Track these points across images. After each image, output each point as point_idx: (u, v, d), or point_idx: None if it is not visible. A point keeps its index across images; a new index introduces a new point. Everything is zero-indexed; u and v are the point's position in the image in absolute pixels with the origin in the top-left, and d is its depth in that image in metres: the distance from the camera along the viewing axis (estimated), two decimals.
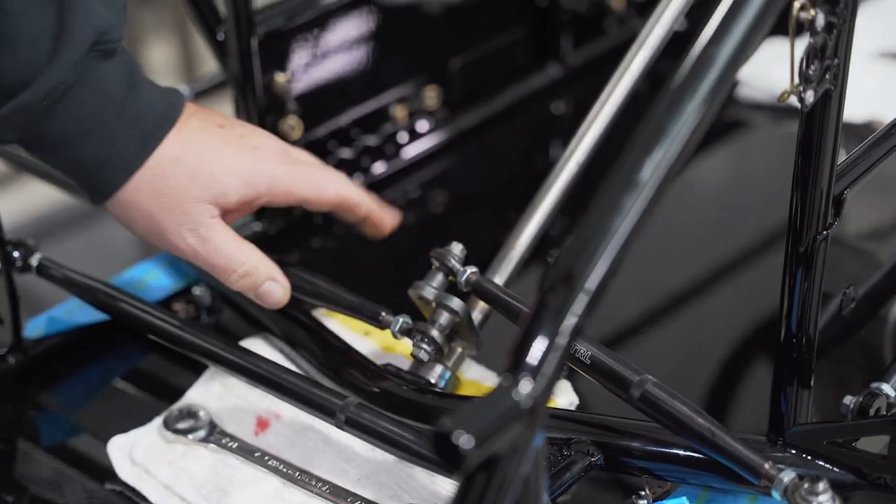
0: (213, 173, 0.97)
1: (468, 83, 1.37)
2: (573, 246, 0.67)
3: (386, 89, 1.38)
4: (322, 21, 1.32)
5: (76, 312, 1.09)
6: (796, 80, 0.80)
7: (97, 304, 1.07)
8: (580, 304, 0.65)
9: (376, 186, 1.36)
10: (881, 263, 1.09)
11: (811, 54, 0.78)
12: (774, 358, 0.90)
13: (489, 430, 0.57)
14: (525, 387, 0.60)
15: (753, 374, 1.04)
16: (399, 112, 1.36)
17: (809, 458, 0.84)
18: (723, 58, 0.71)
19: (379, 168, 1.39)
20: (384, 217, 1.08)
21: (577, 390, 1.00)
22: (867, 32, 1.45)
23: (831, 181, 0.83)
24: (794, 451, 0.84)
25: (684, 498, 0.86)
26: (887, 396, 0.88)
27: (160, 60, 2.47)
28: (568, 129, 1.34)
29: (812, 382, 0.90)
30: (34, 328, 1.09)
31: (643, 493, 0.86)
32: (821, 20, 0.76)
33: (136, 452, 0.93)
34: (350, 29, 1.35)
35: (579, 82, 1.52)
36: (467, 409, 0.58)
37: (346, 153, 1.37)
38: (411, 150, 1.40)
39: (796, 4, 0.78)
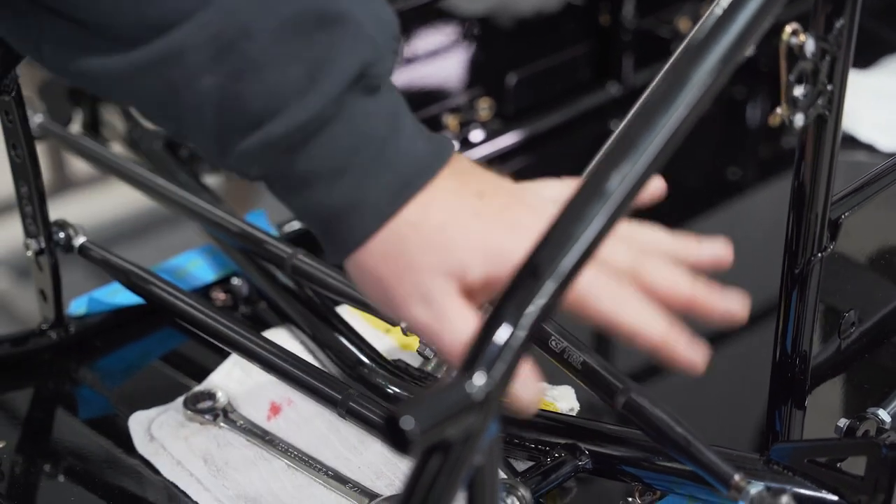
0: (450, 244, 0.83)
1: (524, 97, 1.37)
2: (535, 251, 0.69)
3: (440, 99, 1.37)
4: None
5: (117, 295, 1.12)
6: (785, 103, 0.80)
7: (132, 287, 1.09)
8: (537, 304, 0.67)
9: None
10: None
11: (800, 79, 0.78)
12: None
13: (437, 418, 0.60)
14: (479, 379, 0.62)
15: (758, 392, 1.01)
16: (451, 121, 1.35)
17: (790, 474, 0.84)
18: (696, 81, 0.73)
19: None
20: (685, 354, 0.79)
21: (580, 399, 1.00)
22: None
23: (827, 205, 0.84)
24: (775, 467, 0.85)
25: None
26: (879, 421, 0.89)
27: None
28: None
29: (806, 402, 0.91)
30: (76, 307, 1.12)
31: (631, 499, 0.89)
32: (811, 46, 0.77)
33: (154, 428, 0.97)
34: (408, 38, 1.34)
35: None
36: (421, 397, 0.62)
37: None
38: None
39: (787, 30, 0.79)
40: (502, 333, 0.65)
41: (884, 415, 0.89)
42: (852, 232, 0.90)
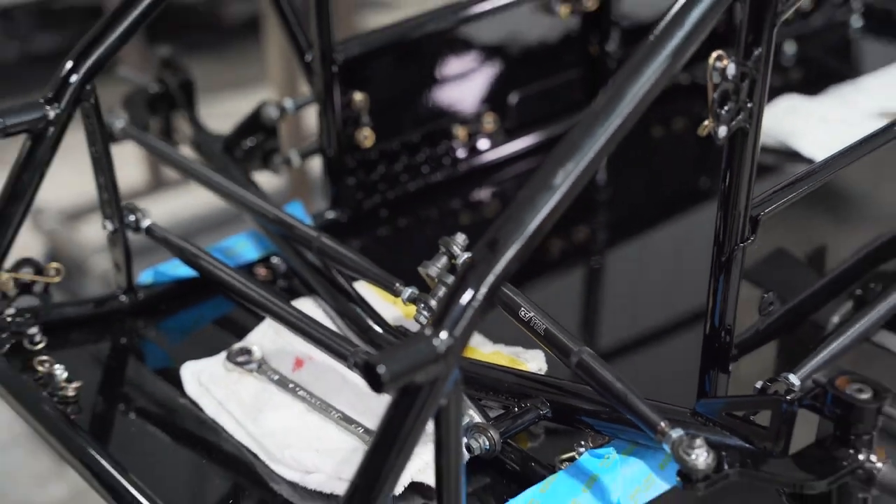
0: None
1: (524, 114, 1.38)
2: (492, 232, 0.73)
3: (450, 112, 1.38)
4: (396, 50, 1.32)
5: (177, 269, 1.14)
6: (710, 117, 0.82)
7: (187, 262, 1.12)
8: (493, 276, 0.71)
9: (433, 189, 1.37)
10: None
11: (723, 97, 0.80)
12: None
13: (406, 366, 0.65)
14: (443, 335, 0.66)
15: (694, 358, 1.02)
16: (460, 132, 1.36)
17: (710, 424, 0.86)
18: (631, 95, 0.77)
19: (437, 176, 1.40)
20: None
21: (549, 361, 1.01)
22: (874, 94, 1.45)
23: (748, 204, 0.86)
24: (699, 419, 0.87)
25: (612, 448, 0.88)
26: (788, 383, 0.92)
27: (278, 73, 2.50)
28: (610, 159, 1.40)
29: (730, 368, 0.92)
30: (145, 277, 1.15)
31: (584, 442, 0.90)
32: (732, 69, 0.79)
33: (202, 376, 1.00)
34: (421, 59, 1.35)
35: None
36: (395, 349, 0.66)
37: (410, 160, 1.38)
38: (467, 165, 1.39)
39: (713, 55, 0.81)
40: (464, 298, 0.69)
41: (793, 378, 0.91)
42: (773, 227, 0.91)
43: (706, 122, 0.81)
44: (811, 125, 1.46)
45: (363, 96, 1.25)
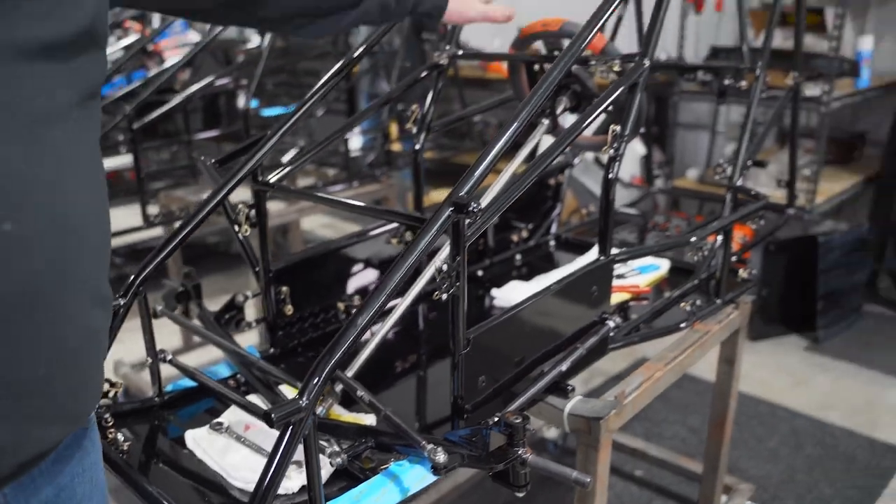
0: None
1: None
2: (329, 346, 0.78)
3: (336, 295, 1.35)
4: (305, 263, 1.29)
5: (187, 382, 1.12)
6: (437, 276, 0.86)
7: (191, 378, 1.07)
8: (330, 364, 0.77)
9: (327, 335, 1.30)
10: None
11: (443, 280, 0.86)
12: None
13: (286, 414, 0.72)
14: (304, 400, 0.73)
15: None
16: (341, 305, 1.34)
17: (455, 444, 0.88)
18: None
19: (329, 328, 1.32)
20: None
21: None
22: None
23: (464, 330, 0.89)
24: (449, 441, 0.88)
25: (405, 461, 0.90)
26: (493, 420, 0.86)
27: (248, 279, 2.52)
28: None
29: (465, 417, 0.95)
30: (169, 387, 1.12)
31: (394, 459, 0.90)
32: (444, 267, 0.86)
33: (196, 437, 1.02)
34: (320, 267, 1.33)
35: None
36: (279, 406, 0.71)
37: (313, 321, 1.32)
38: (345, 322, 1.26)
39: (437, 259, 0.92)
40: (313, 381, 0.75)
41: (496, 417, 0.86)
42: (480, 342, 0.92)
43: (437, 293, 0.87)
44: (521, 290, 1.41)
45: (286, 288, 1.25)
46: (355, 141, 2.97)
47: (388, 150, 2.87)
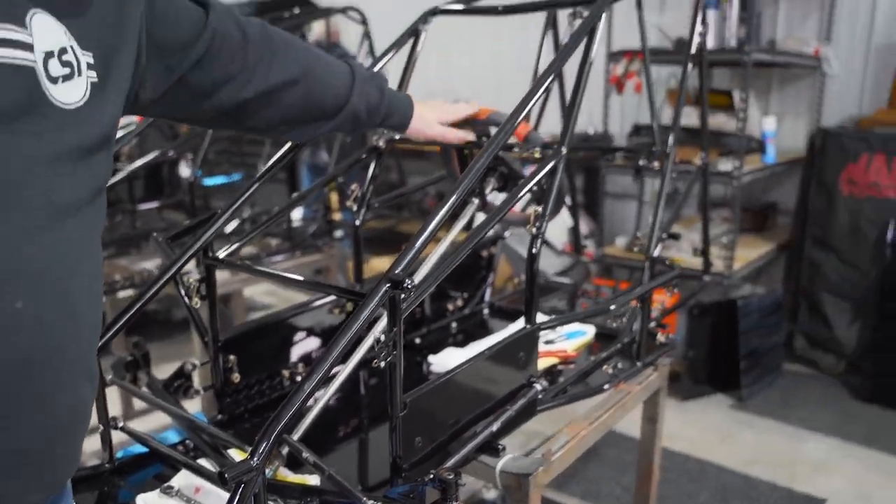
0: (427, 110, 1.24)
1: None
2: (275, 413, 0.83)
3: (281, 363, 1.39)
4: (250, 334, 1.34)
5: (138, 449, 1.13)
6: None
7: (142, 444, 1.10)
8: (275, 431, 0.82)
9: (273, 402, 1.32)
10: None
11: (381, 349, 0.91)
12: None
13: (239, 473, 0.77)
14: (254, 461, 0.78)
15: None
16: (285, 373, 1.38)
17: (390, 500, 0.92)
18: None
19: (274, 395, 1.34)
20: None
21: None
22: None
23: (401, 395, 0.94)
24: (386, 497, 0.92)
25: None
26: (429, 476, 0.92)
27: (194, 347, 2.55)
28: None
29: (403, 475, 0.99)
30: (120, 454, 1.14)
31: None
32: (380, 336, 0.94)
33: (147, 500, 1.04)
34: (263, 337, 1.38)
35: None
36: (234, 465, 0.77)
37: (259, 388, 1.34)
38: (290, 389, 1.34)
39: (378, 330, 0.98)
40: (263, 442, 0.80)
41: (445, 476, 0.92)
42: (416, 404, 0.97)
43: (375, 361, 0.91)
44: (455, 356, 1.47)
45: (234, 357, 1.29)
46: (297, 212, 3.05)
47: (330, 220, 2.96)
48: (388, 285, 0.93)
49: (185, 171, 2.97)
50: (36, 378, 0.63)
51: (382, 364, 0.91)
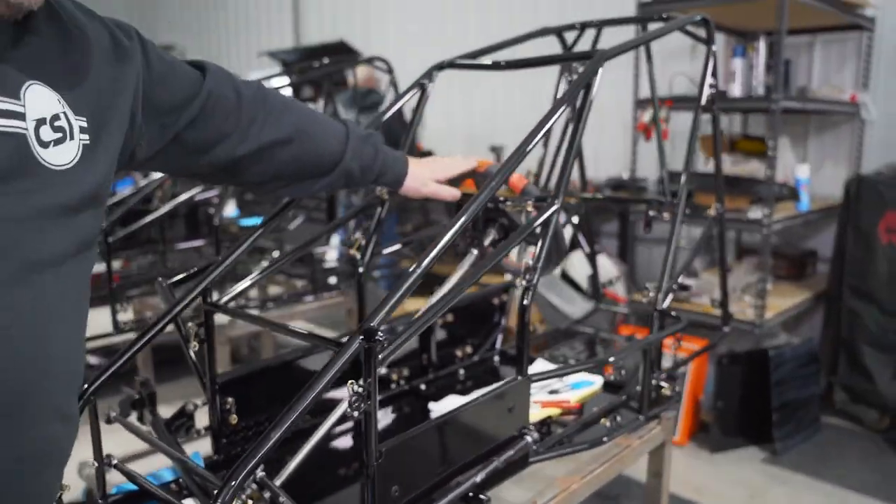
0: (421, 167, 1.26)
1: None
2: (248, 449, 0.86)
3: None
4: (248, 378, 1.35)
5: (130, 487, 1.13)
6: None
7: (133, 482, 1.09)
8: (244, 472, 0.85)
9: None
10: None
11: (355, 400, 0.91)
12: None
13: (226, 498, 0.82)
14: (226, 495, 0.83)
15: None
16: None
17: None
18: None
19: None
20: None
21: None
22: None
23: (377, 444, 0.95)
24: None
25: None
26: None
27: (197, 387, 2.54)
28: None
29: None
30: (113, 490, 1.16)
31: None
32: (357, 389, 0.90)
33: None
34: (259, 381, 1.38)
35: None
36: (222, 489, 0.81)
37: (256, 430, 1.34)
38: None
39: (350, 384, 0.94)
40: (233, 481, 0.84)
41: None
42: (392, 455, 0.97)
43: (348, 411, 0.91)
44: (454, 404, 1.28)
45: (232, 399, 1.30)
46: (332, 253, 3.09)
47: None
48: (361, 337, 0.94)
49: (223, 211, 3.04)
50: (2, 417, 0.66)
51: (356, 414, 0.92)
